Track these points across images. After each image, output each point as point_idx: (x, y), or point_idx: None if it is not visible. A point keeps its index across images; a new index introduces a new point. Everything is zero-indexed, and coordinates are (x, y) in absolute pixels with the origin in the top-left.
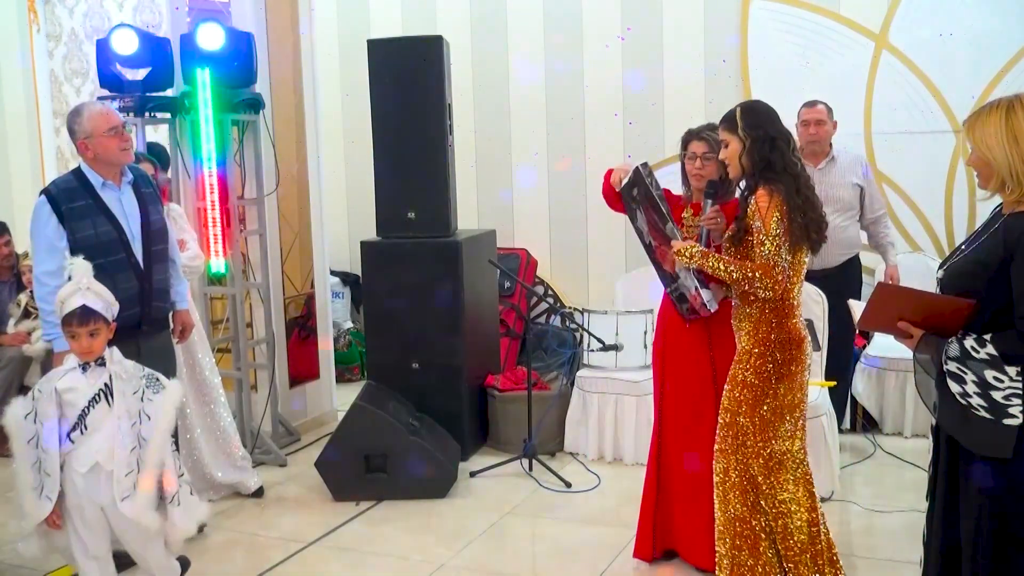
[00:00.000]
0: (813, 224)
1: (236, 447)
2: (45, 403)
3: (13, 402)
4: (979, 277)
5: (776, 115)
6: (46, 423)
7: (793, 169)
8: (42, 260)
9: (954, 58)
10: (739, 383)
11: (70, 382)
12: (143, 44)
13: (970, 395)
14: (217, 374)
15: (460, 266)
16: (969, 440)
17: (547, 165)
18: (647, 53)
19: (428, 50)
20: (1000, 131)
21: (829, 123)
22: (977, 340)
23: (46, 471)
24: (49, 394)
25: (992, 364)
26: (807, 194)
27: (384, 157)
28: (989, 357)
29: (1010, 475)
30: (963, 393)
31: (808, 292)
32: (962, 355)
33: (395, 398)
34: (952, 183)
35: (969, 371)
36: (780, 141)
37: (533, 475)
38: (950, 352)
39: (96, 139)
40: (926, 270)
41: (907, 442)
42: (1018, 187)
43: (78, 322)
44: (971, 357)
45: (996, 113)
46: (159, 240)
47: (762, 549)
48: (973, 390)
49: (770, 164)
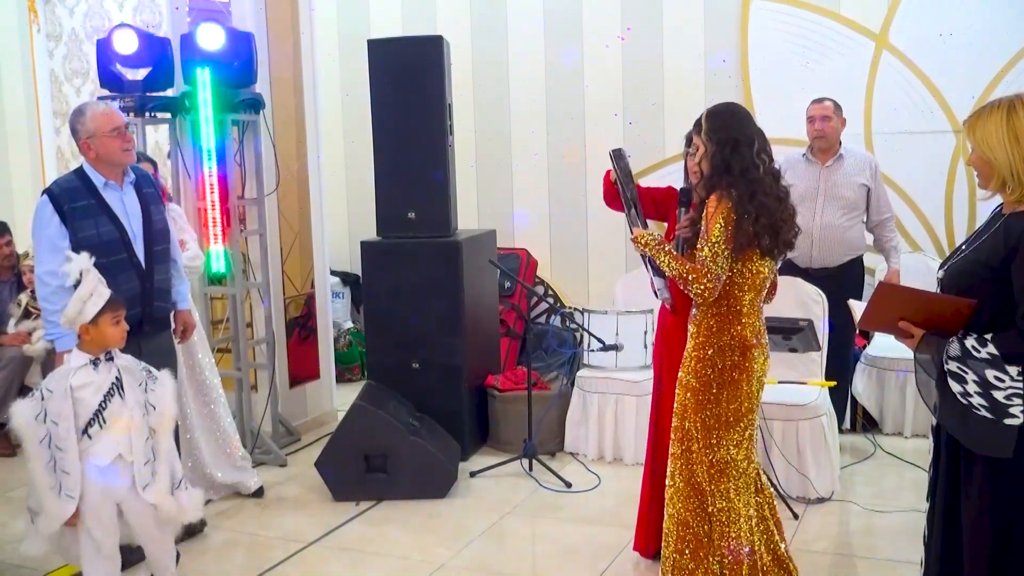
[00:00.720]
0: (767, 230)
1: (236, 447)
2: (59, 401)
3: (17, 404)
4: (980, 277)
5: (745, 118)
6: (61, 422)
7: (752, 173)
8: (44, 260)
9: (954, 58)
10: (683, 386)
11: (83, 378)
12: (143, 44)
13: (971, 395)
14: (217, 374)
15: (460, 266)
16: (970, 440)
17: (547, 165)
18: (647, 53)
19: (428, 50)
20: (1001, 130)
21: (836, 119)
22: (978, 340)
23: (64, 470)
24: (64, 392)
25: (993, 364)
26: (763, 200)
27: (384, 157)
28: (990, 357)
29: (1011, 474)
30: (964, 393)
31: (808, 292)
32: (963, 355)
33: (395, 398)
34: (952, 183)
35: (970, 371)
36: (743, 145)
37: (533, 475)
38: (951, 352)
39: (99, 139)
40: (926, 270)
41: (907, 442)
42: (1019, 187)
43: (117, 306)
44: (972, 357)
45: (997, 113)
46: (161, 240)
47: (702, 555)
48: (974, 390)
49: (728, 168)
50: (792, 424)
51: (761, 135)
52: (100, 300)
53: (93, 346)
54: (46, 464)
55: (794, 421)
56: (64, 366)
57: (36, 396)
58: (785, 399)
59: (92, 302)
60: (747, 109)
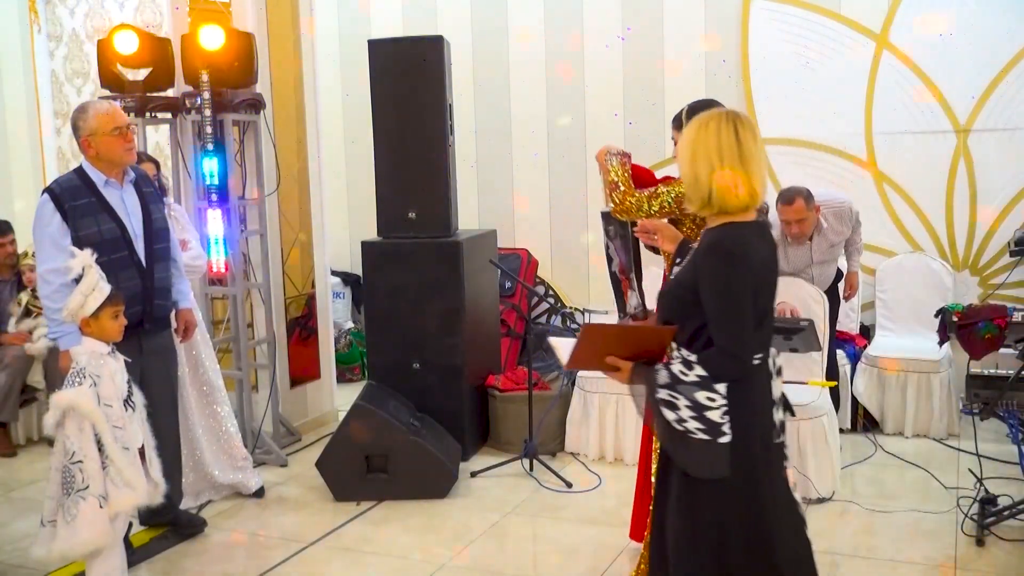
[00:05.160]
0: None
1: (238, 448)
2: (107, 384)
3: (71, 393)
4: (684, 300)
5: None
6: (114, 403)
7: None
8: (46, 258)
9: (955, 58)
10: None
11: (112, 367)
12: (144, 44)
13: (686, 419)
14: (220, 375)
15: (461, 266)
16: (691, 464)
17: (547, 165)
18: (648, 53)
19: (429, 50)
20: (687, 143)
21: (810, 214)
22: (684, 363)
23: (126, 446)
24: (109, 376)
25: (702, 385)
26: None
27: (385, 157)
28: (698, 379)
29: (726, 494)
30: (679, 419)
31: (809, 292)
32: (672, 381)
33: (396, 398)
34: (953, 183)
35: (681, 395)
36: None
37: (534, 475)
38: (660, 380)
39: (99, 137)
40: (927, 271)
41: (908, 442)
42: (692, 203)
43: (118, 301)
44: (681, 381)
45: (692, 124)
46: (161, 238)
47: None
48: (688, 414)
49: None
50: (793, 424)
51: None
52: (101, 295)
53: (95, 339)
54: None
55: (795, 421)
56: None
57: (87, 383)
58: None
59: (94, 296)
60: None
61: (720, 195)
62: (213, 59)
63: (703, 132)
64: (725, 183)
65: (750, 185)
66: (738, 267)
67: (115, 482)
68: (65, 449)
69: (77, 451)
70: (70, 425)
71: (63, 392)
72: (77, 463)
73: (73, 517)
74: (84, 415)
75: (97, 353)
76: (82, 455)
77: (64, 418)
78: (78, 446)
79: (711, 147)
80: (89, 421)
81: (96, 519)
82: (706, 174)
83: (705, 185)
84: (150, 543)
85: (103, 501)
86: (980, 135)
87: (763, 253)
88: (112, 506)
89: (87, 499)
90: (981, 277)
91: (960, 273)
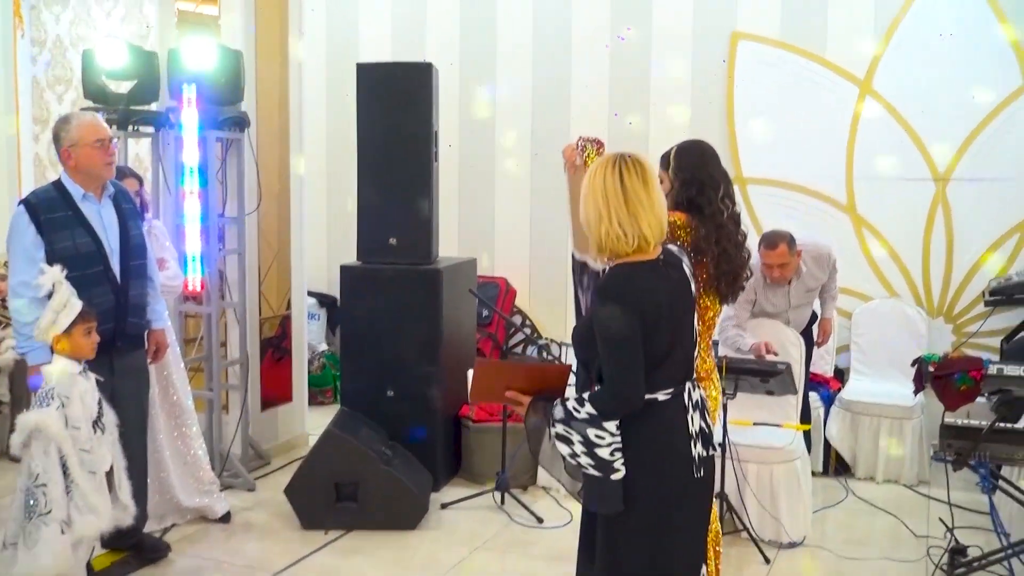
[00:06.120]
0: (725, 277)
1: (205, 471)
2: (77, 406)
3: (38, 415)
4: (588, 339)
5: (713, 159)
6: (82, 425)
7: (718, 218)
8: (18, 270)
9: (937, 107)
10: None
11: (83, 386)
12: (130, 57)
13: (579, 455)
14: (190, 396)
15: (440, 294)
16: (587, 499)
17: (529, 194)
18: (636, 93)
19: (417, 77)
20: (583, 188)
21: (792, 258)
22: (577, 400)
23: (92, 470)
24: (78, 397)
25: (591, 422)
26: (725, 246)
27: (368, 182)
28: (588, 416)
29: (628, 529)
30: (572, 454)
31: (787, 335)
32: (566, 416)
33: (368, 425)
34: (931, 230)
35: (574, 431)
36: (708, 188)
37: (505, 509)
38: (556, 415)
39: (80, 148)
40: (903, 316)
41: (879, 488)
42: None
43: (90, 317)
44: (574, 418)
45: (590, 169)
46: (138, 255)
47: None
48: (580, 450)
49: (699, 208)
50: (767, 467)
51: (726, 178)
52: (72, 311)
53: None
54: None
55: (769, 464)
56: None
57: (55, 404)
58: (760, 441)
59: (65, 313)
60: (714, 149)
61: (608, 242)
62: (199, 75)
63: (591, 179)
64: (613, 231)
65: (637, 230)
66: (621, 308)
67: (79, 507)
68: (29, 471)
69: (41, 474)
70: (35, 447)
71: (29, 413)
72: (40, 486)
73: (35, 542)
74: (50, 437)
75: (68, 372)
76: (46, 478)
77: (30, 439)
78: (42, 469)
79: (598, 194)
80: (55, 444)
81: (58, 545)
82: (595, 221)
83: (595, 232)
84: (112, 567)
85: (65, 527)
86: (959, 184)
87: (656, 293)
88: (75, 532)
89: (49, 524)
90: (955, 325)
91: (935, 320)
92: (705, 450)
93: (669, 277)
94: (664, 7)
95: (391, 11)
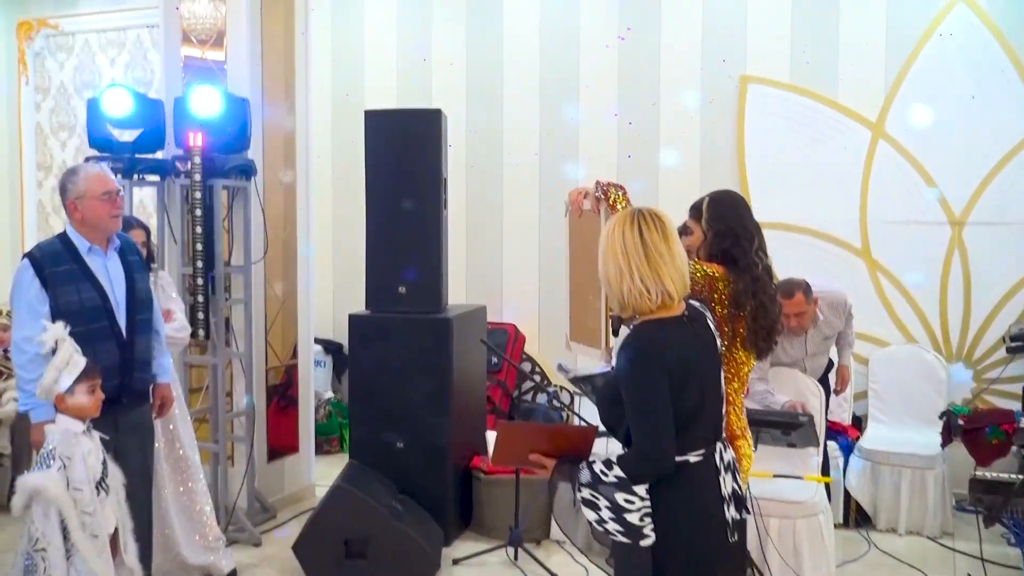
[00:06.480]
0: (762, 331)
1: (211, 527)
2: (79, 467)
3: (39, 476)
4: (615, 399)
5: (745, 210)
6: (84, 488)
7: (754, 271)
8: (22, 325)
9: (952, 150)
10: None
11: (86, 446)
12: (136, 105)
13: (606, 521)
14: (196, 450)
15: (451, 344)
16: (616, 566)
17: (538, 240)
18: (644, 138)
19: (426, 123)
20: (602, 245)
21: (809, 307)
22: (605, 463)
23: (94, 533)
24: (81, 458)
25: (621, 486)
26: (762, 299)
27: (377, 229)
28: (617, 480)
29: None
30: (599, 520)
31: (807, 385)
32: (593, 480)
33: (378, 479)
34: (948, 275)
35: (602, 496)
36: (743, 239)
37: (519, 565)
38: (582, 479)
39: (87, 201)
40: (921, 362)
41: (901, 540)
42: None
43: (93, 375)
44: (601, 481)
45: (607, 226)
46: (144, 309)
47: None
48: (608, 515)
49: (734, 260)
50: (789, 522)
51: (759, 230)
52: (76, 369)
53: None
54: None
55: (791, 519)
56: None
57: (56, 465)
58: (783, 495)
59: (68, 371)
60: (745, 200)
61: (631, 299)
62: (206, 123)
63: (611, 236)
64: (636, 287)
65: (660, 286)
66: (648, 367)
67: (80, 572)
68: (29, 535)
69: (41, 538)
70: (36, 510)
71: (30, 476)
72: (40, 551)
73: None
74: (50, 500)
75: (71, 432)
76: (45, 543)
77: (30, 502)
78: (42, 533)
79: (618, 251)
80: (55, 507)
81: None
82: (616, 278)
83: (617, 289)
84: None
85: None
86: (975, 227)
87: (684, 348)
88: None
89: None
90: (975, 371)
91: (954, 365)
92: (738, 513)
93: (695, 333)
94: (671, 52)
95: (396, 57)
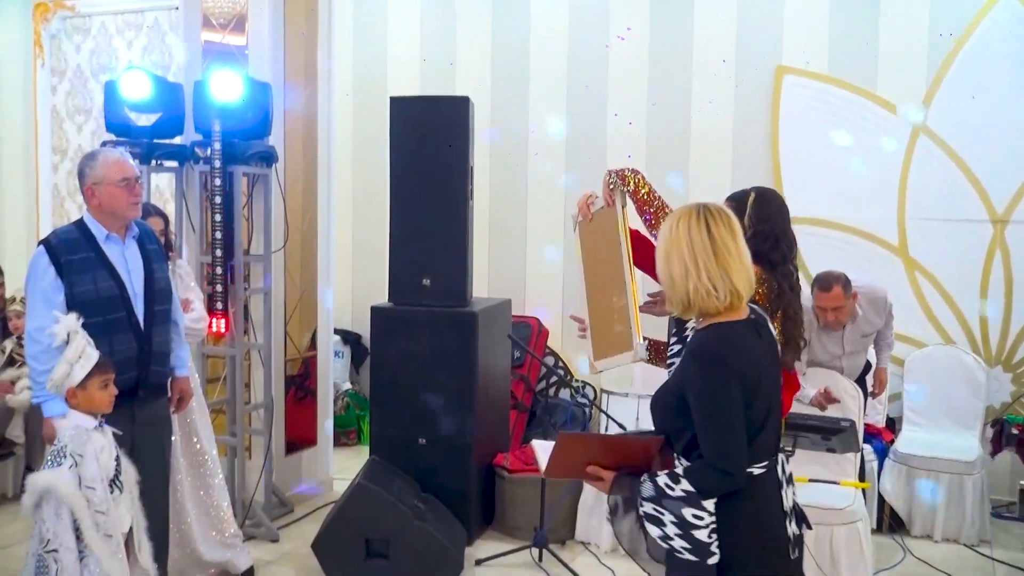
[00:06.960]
0: (791, 343)
1: (228, 523)
2: (91, 465)
3: (50, 475)
4: (675, 408)
5: (787, 212)
6: (97, 486)
7: (789, 279)
8: (36, 315)
9: (994, 145)
10: None
11: (99, 441)
12: (155, 89)
13: (671, 537)
14: (214, 444)
15: (475, 338)
16: None
17: (563, 231)
18: (674, 127)
19: (453, 111)
20: (660, 243)
21: (848, 301)
22: (670, 476)
23: (108, 533)
24: (93, 455)
25: (688, 501)
26: (795, 309)
27: (401, 220)
28: (685, 494)
29: None
30: (664, 536)
31: (845, 386)
32: (657, 494)
33: (400, 476)
34: (988, 274)
35: (667, 511)
36: (783, 243)
37: (543, 566)
38: (644, 492)
39: (105, 187)
40: (959, 364)
41: (937, 547)
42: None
43: (107, 369)
44: (666, 496)
45: (666, 222)
46: (162, 300)
47: None
48: (674, 531)
49: (770, 263)
50: (827, 529)
51: (795, 241)
52: (88, 363)
53: (82, 409)
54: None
55: (829, 526)
56: (77, 428)
57: (67, 463)
58: (821, 502)
59: (80, 365)
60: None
61: (698, 299)
62: (226, 108)
63: (674, 231)
64: (703, 286)
65: (729, 284)
66: (723, 373)
67: (94, 574)
68: (40, 536)
69: (52, 539)
70: (47, 509)
71: (40, 473)
72: (51, 552)
73: None
74: (61, 499)
75: (82, 428)
76: (57, 543)
77: (41, 501)
78: (53, 533)
79: (683, 247)
80: (67, 506)
81: None
82: (681, 277)
83: (682, 289)
84: None
85: None
86: (1018, 226)
87: (755, 353)
88: None
89: None
90: (1015, 374)
91: (993, 369)
92: (799, 528)
93: (763, 337)
94: (705, 42)
95: (420, 42)
